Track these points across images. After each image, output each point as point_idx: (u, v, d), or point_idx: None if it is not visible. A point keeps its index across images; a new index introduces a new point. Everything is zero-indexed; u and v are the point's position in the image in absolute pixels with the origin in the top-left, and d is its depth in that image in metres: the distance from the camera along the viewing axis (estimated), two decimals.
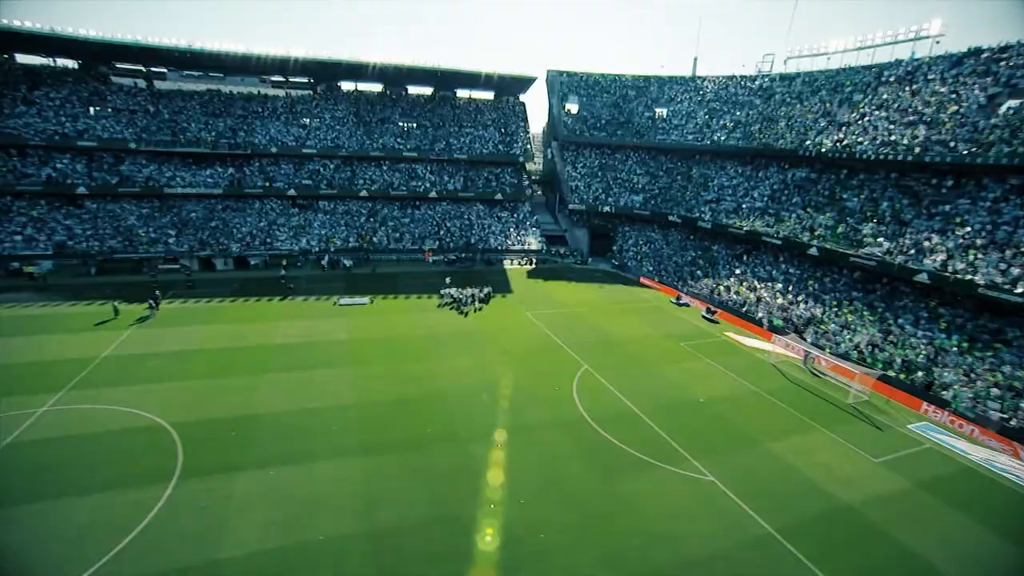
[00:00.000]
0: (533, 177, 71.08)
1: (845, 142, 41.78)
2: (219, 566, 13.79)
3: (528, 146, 63.80)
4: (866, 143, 39.71)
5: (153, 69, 58.77)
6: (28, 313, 31.79)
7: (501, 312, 36.65)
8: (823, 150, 43.34)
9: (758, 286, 41.11)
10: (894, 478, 19.15)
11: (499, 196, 59.76)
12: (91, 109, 51.97)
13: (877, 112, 41.43)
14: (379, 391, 23.82)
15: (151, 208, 49.90)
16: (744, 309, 39.04)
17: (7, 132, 46.14)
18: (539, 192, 73.37)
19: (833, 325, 33.43)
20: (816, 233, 39.60)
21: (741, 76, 60.88)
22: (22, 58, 53.15)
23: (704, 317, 38.74)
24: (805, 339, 32.44)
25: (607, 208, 57.56)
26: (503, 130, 64.53)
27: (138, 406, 21.48)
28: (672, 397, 25.30)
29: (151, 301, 32.94)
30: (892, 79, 42.82)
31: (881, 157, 38.08)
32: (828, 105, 47.52)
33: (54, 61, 54.20)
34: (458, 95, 67.60)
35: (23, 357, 25.53)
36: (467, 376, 25.91)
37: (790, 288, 39.29)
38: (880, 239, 34.55)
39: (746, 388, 26.86)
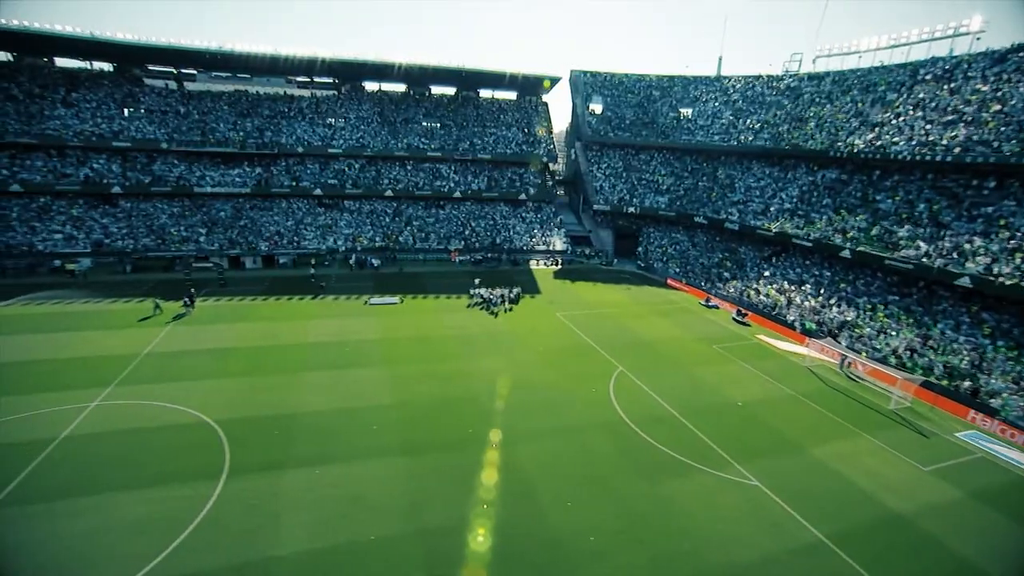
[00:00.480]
0: (557, 177, 70.88)
1: (879, 143, 41.01)
2: (274, 564, 13.96)
3: (551, 146, 63.72)
4: (902, 143, 38.93)
5: (183, 71, 59.81)
6: (72, 310, 32.64)
7: (531, 313, 36.66)
8: (855, 151, 42.59)
9: (788, 288, 40.54)
10: (946, 488, 18.73)
11: (523, 196, 59.77)
12: (125, 110, 53.13)
13: (913, 112, 40.59)
14: (416, 391, 23.97)
15: (181, 207, 50.84)
16: (775, 312, 38.52)
17: (48, 133, 47.36)
18: (561, 192, 73.24)
19: (868, 329, 32.82)
20: (849, 235, 38.91)
21: (768, 76, 60.08)
22: (61, 62, 54.52)
23: (735, 319, 38.31)
24: (840, 343, 31.90)
25: (632, 209, 57.25)
26: (526, 130, 64.54)
27: (182, 403, 21.88)
28: (709, 400, 25.07)
29: (187, 299, 33.57)
30: (929, 77, 41.91)
31: (918, 158, 37.30)
32: (860, 105, 46.68)
33: (91, 64, 55.50)
34: (481, 95, 67.78)
35: (72, 352, 26.23)
36: (503, 376, 25.95)
37: (822, 291, 38.68)
38: (918, 242, 33.83)
39: (783, 392, 26.51)
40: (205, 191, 51.75)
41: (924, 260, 32.51)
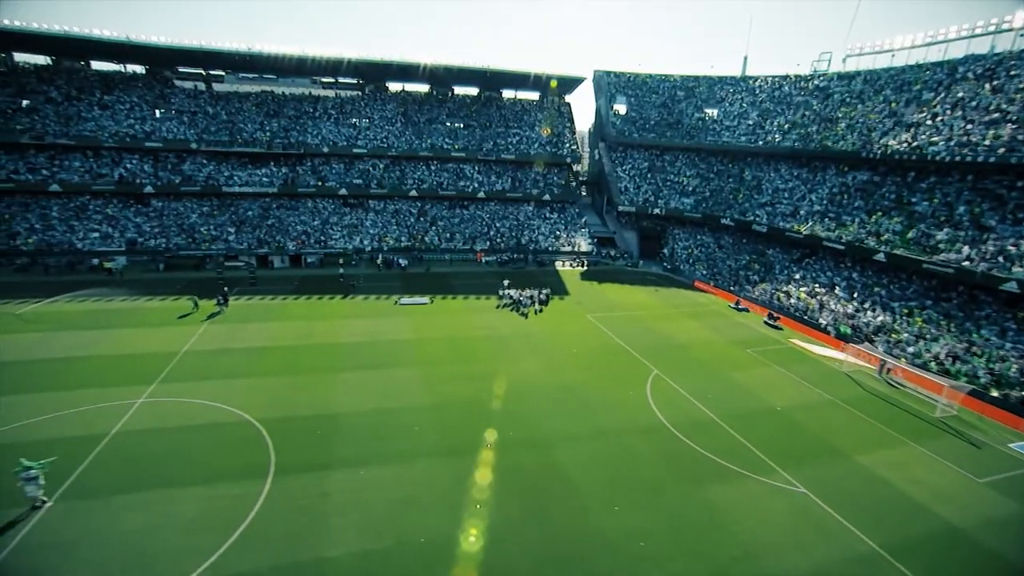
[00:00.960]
0: (581, 178, 70.66)
1: (915, 143, 40.14)
2: (327, 564, 14.02)
3: (575, 147, 63.51)
4: (940, 144, 38.05)
5: (212, 72, 60.74)
6: (112, 307, 33.34)
7: (561, 314, 36.56)
8: (890, 152, 41.73)
9: (820, 292, 39.87)
10: (1005, 501, 18.19)
11: (547, 197, 59.67)
12: (157, 111, 54.12)
13: (952, 111, 39.66)
14: (453, 392, 24.01)
15: (211, 207, 51.65)
16: (807, 315, 37.91)
17: (84, 135, 48.42)
18: (583, 193, 72.96)
19: (906, 335, 32.11)
20: (883, 238, 38.16)
21: (796, 76, 59.23)
22: (97, 65, 55.71)
23: (766, 323, 37.79)
24: (877, 348, 31.26)
25: (657, 210, 56.80)
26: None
27: (224, 401, 22.14)
28: (747, 405, 24.75)
29: (221, 298, 34.07)
30: (969, 76, 40.92)
31: (958, 159, 36.42)
32: (893, 104, 45.77)
33: (124, 67, 56.62)
34: (504, 95, 67.81)
35: (115, 349, 26.79)
36: (539, 378, 25.91)
37: (855, 294, 37.96)
38: (959, 245, 33.03)
39: (822, 397, 26.06)
40: (233, 191, 52.51)
41: (966, 264, 31.72)
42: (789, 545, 15.56)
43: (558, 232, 56.86)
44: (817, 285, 40.76)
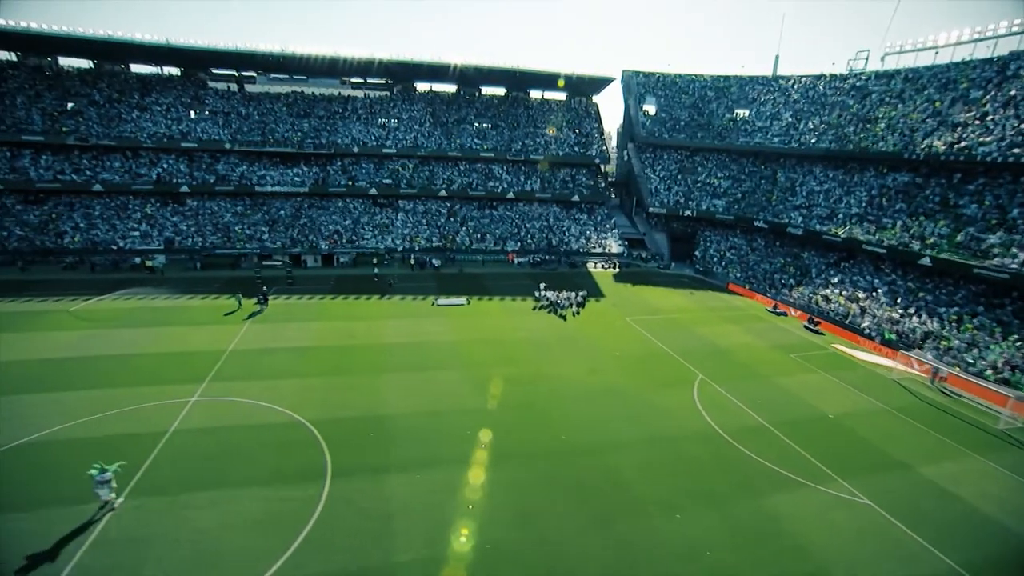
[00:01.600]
0: (610, 179, 70.19)
1: (962, 144, 39.03)
2: (399, 569, 13.97)
3: (604, 147, 63.09)
4: (991, 144, 36.93)
5: (244, 73, 61.57)
6: (157, 305, 33.98)
7: (599, 317, 36.29)
8: (934, 153, 40.65)
9: (860, 296, 38.97)
10: None
11: (576, 198, 59.37)
12: (192, 112, 55.04)
13: (1003, 110, 38.46)
14: (501, 395, 23.89)
15: (244, 206, 52.38)
16: (848, 320, 37.08)
17: (125, 136, 49.43)
18: (612, 194, 72.46)
19: (957, 342, 31.20)
20: (928, 242, 37.17)
21: (831, 75, 58.06)
22: (135, 67, 56.89)
23: (806, 327, 37.06)
24: (926, 355, 30.42)
25: (688, 212, 56.11)
26: (577, 131, 64.10)
27: (275, 401, 22.27)
28: (798, 411, 24.25)
29: (260, 297, 34.46)
30: (1022, 72, 39.59)
31: (1010, 159, 35.30)
32: (937, 104, 44.60)
33: (161, 69, 57.68)
34: (531, 96, 67.64)
35: (164, 347, 27.25)
36: (585, 382, 25.72)
37: (898, 300, 37.02)
38: (1014, 249, 31.98)
39: (874, 405, 25.42)
40: (266, 190, 53.22)
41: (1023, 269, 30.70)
42: (862, 560, 15.13)
43: (588, 233, 56.53)
44: (859, 290, 39.84)
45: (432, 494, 16.96)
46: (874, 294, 38.58)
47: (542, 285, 38.36)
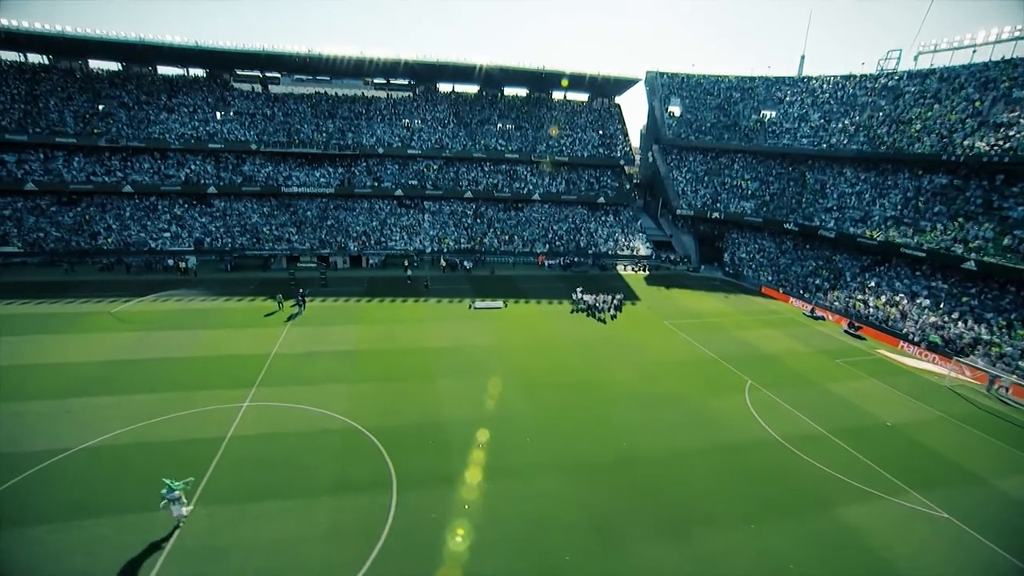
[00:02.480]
0: (635, 180, 69.70)
1: (1007, 144, 38.27)
2: None
3: (628, 149, 62.63)
4: None
5: (268, 74, 61.64)
6: (195, 307, 33.92)
7: (638, 320, 35.88)
8: (975, 153, 39.90)
9: (900, 301, 38.30)
10: None
11: (601, 200, 58.94)
12: (217, 113, 55.11)
13: None
14: (555, 402, 23.55)
15: (271, 207, 52.37)
16: (888, 325, 36.45)
17: (153, 137, 49.55)
18: (635, 196, 71.96)
19: (1009, 348, 30.53)
20: (972, 245, 36.48)
21: (861, 75, 57.24)
22: (162, 69, 57.10)
23: (846, 332, 36.48)
24: (977, 362, 29.80)
25: (716, 214, 55.52)
26: (601, 132, 63.69)
27: (327, 407, 21.98)
28: (855, 419, 23.76)
29: (299, 299, 34.33)
30: None
31: None
32: (977, 104, 43.80)
33: (187, 71, 57.85)
34: (553, 96, 67.30)
35: (209, 350, 27.14)
36: (636, 387, 25.36)
37: (940, 304, 36.34)
38: None
39: (931, 413, 24.88)
40: (292, 191, 53.17)
41: None
42: None
43: (616, 236, 56.08)
44: (902, 295, 39.15)
45: (502, 504, 16.66)
46: (914, 299, 37.93)
47: (579, 289, 37.94)
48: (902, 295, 38.85)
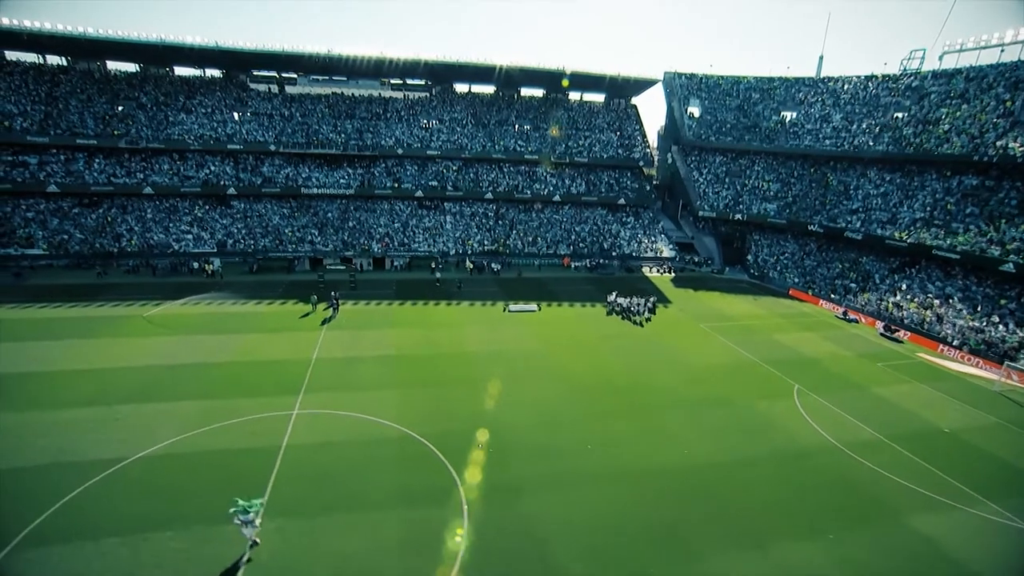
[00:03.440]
0: (655, 182, 69.30)
1: None
2: None
3: (647, 150, 62.24)
4: None
5: (285, 75, 61.17)
6: (227, 311, 33.49)
7: (673, 324, 35.47)
8: (1009, 154, 39.52)
9: (935, 304, 37.91)
10: None
11: (622, 201, 58.54)
12: (235, 114, 54.67)
13: None
14: (607, 407, 23.14)
15: (291, 208, 51.96)
16: (925, 328, 36.06)
17: (173, 138, 49.12)
18: (655, 197, 71.53)
19: None
20: (1010, 247, 36.10)
21: (883, 75, 56.88)
22: (179, 70, 56.64)
23: (883, 335, 36.09)
24: (1018, 366, 29.40)
25: (739, 216, 55.13)
26: (619, 133, 63.29)
27: (377, 414, 21.48)
28: (910, 424, 23.38)
29: (332, 302, 33.92)
30: None
31: None
32: (1008, 103, 43.43)
33: (204, 72, 57.42)
34: (570, 97, 66.88)
35: (248, 355, 26.72)
36: (686, 392, 25.01)
37: (977, 307, 35.96)
38: None
39: (987, 419, 24.48)
40: (312, 192, 52.74)
41: None
42: None
43: (639, 237, 55.68)
44: (935, 298, 38.75)
45: (576, 514, 16.25)
46: (949, 301, 37.56)
47: (614, 293, 37.48)
48: (936, 298, 38.49)
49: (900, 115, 51.66)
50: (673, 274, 50.96)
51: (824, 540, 15.79)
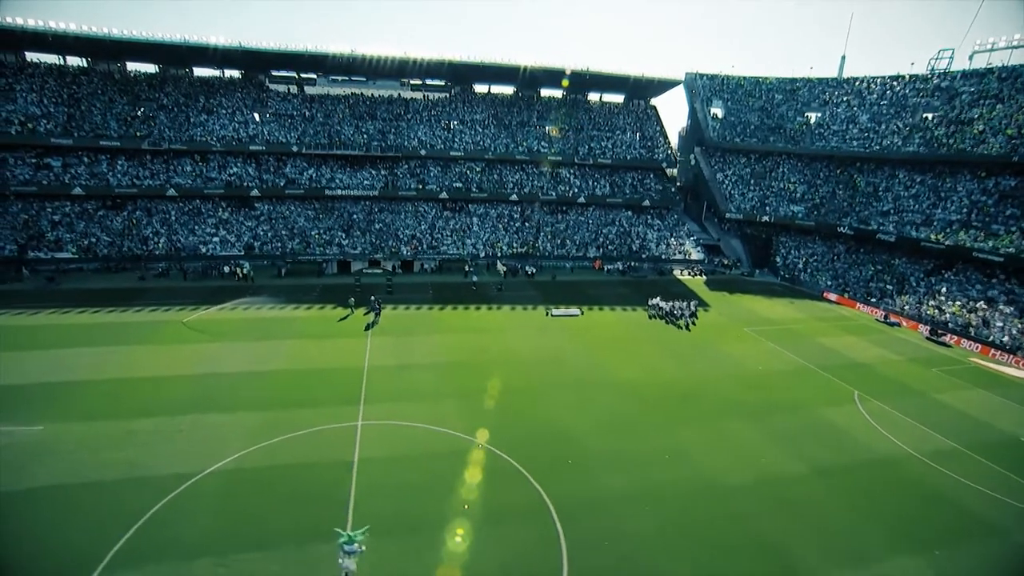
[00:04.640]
0: (678, 183, 68.70)
1: None
2: None
3: (670, 151, 61.72)
4: None
5: (304, 75, 60.39)
6: (264, 316, 32.83)
7: (716, 327, 34.90)
8: None
9: (980, 307, 37.43)
10: None
11: (646, 202, 57.98)
12: (256, 115, 53.93)
13: None
14: (673, 414, 22.62)
15: (315, 210, 51.24)
16: (971, 332, 35.57)
17: (196, 140, 48.36)
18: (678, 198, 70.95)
19: None
20: None
21: (911, 75, 56.44)
22: (198, 71, 55.89)
23: (929, 339, 35.59)
24: None
25: (766, 217, 54.62)
26: (640, 134, 62.75)
27: (444, 424, 20.76)
28: (983, 433, 22.86)
29: (374, 307, 33.28)
30: None
31: None
32: None
33: (223, 72, 56.63)
34: (589, 98, 66.33)
35: (296, 363, 26.03)
36: (744, 398, 24.50)
37: None
38: None
39: None
40: (336, 193, 52.02)
41: None
42: None
43: (667, 239, 55.12)
44: (970, 299, 38.30)
45: (678, 530, 15.68)
46: (991, 304, 37.10)
47: (658, 297, 36.83)
48: (975, 300, 38.03)
49: (929, 116, 51.26)
50: (704, 277, 50.40)
51: (929, 556, 15.27)
